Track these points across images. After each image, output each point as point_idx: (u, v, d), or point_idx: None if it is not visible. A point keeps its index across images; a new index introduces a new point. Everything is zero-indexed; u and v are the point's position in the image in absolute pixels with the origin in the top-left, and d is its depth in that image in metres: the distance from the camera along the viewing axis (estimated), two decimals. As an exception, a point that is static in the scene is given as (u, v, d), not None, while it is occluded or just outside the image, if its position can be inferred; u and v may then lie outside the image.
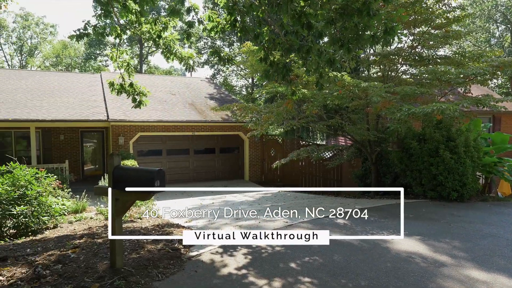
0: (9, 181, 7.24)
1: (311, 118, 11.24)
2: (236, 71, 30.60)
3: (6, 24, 35.15)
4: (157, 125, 13.88)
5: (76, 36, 7.95)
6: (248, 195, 11.57)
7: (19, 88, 15.04)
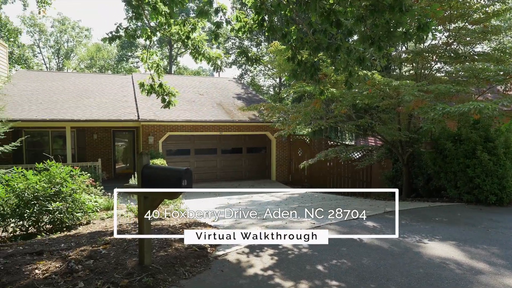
0: (46, 178, 7.57)
1: (340, 118, 11.03)
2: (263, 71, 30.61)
3: (45, 28, 36.95)
4: (186, 125, 14.09)
5: (109, 38, 8.19)
6: (275, 195, 11.52)
7: (56, 89, 15.72)
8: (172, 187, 3.41)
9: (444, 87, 8.16)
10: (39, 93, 14.90)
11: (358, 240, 5.31)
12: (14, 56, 29.95)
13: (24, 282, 3.48)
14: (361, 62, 6.07)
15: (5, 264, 3.99)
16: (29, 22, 36.06)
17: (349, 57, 6.12)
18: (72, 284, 3.42)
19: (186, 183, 3.40)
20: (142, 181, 3.61)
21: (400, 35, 5.57)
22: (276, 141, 15.55)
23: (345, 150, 12.28)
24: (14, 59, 29.94)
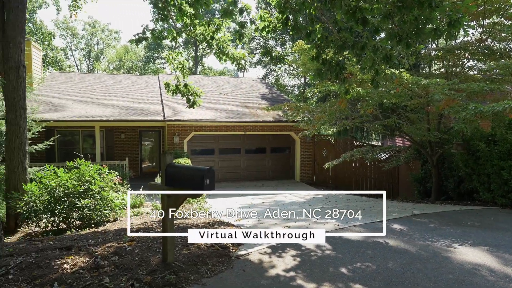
0: (76, 176, 7.84)
1: (366, 118, 10.79)
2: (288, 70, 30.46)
3: (77, 32, 38.37)
4: (210, 124, 14.22)
5: (136, 40, 8.38)
6: (299, 195, 11.42)
7: (86, 90, 16.27)
8: (195, 186, 3.43)
9: (477, 86, 7.81)
10: (70, 93, 15.47)
11: (384, 243, 5.17)
12: (48, 59, 31.27)
13: (53, 276, 3.60)
14: (388, 60, 5.90)
15: (37, 258, 4.15)
16: (62, 26, 37.57)
17: (375, 55, 5.96)
18: (98, 279, 3.51)
19: (208, 182, 3.41)
20: (166, 179, 3.65)
21: (429, 32, 5.37)
22: (300, 141, 15.43)
23: (371, 151, 12.02)
24: (48, 61, 31.26)
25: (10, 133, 8.34)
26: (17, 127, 8.38)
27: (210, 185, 3.43)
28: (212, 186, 3.46)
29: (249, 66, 31.88)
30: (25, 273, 3.70)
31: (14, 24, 8.34)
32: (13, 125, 8.32)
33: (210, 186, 3.44)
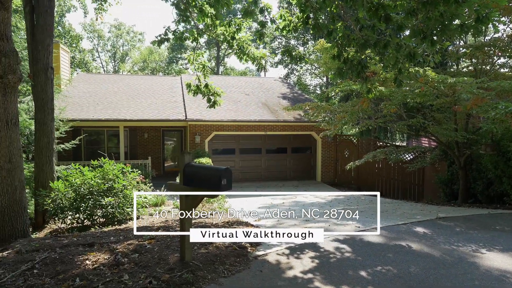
0: (100, 174, 8.05)
1: (389, 118, 10.54)
2: (310, 70, 30.21)
3: (103, 34, 39.48)
4: (231, 124, 14.28)
5: (158, 41, 8.52)
6: (320, 196, 11.28)
7: (111, 90, 16.69)
8: (212, 185, 3.44)
9: (508, 84, 7.47)
10: (96, 94, 15.91)
11: (406, 246, 5.01)
12: (76, 61, 32.32)
13: (75, 272, 3.69)
14: (412, 58, 5.73)
15: (61, 253, 4.27)
16: (89, 29, 38.76)
17: (398, 53, 5.80)
18: (117, 276, 3.57)
19: (225, 182, 3.41)
20: (184, 179, 3.68)
21: (455, 28, 5.17)
22: (321, 141, 15.25)
23: (395, 151, 11.73)
24: (76, 63, 32.31)
25: (39, 132, 8.65)
26: (45, 126, 8.67)
27: (227, 185, 3.42)
28: (229, 186, 3.45)
29: (271, 66, 31.84)
30: (49, 268, 3.81)
31: (43, 28, 8.64)
32: (41, 124, 8.62)
33: (228, 186, 3.43)
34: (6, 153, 5.07)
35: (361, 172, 14.63)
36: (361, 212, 7.91)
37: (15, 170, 5.18)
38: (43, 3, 8.62)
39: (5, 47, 5.01)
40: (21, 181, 5.30)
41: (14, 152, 5.16)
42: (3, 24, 4.99)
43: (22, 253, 4.32)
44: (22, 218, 5.27)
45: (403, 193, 13.27)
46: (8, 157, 5.09)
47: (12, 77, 5.04)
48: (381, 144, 14.78)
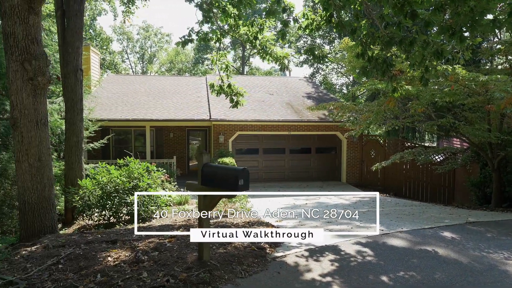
0: (125, 173, 8.25)
1: (417, 118, 10.20)
2: (336, 69, 29.76)
3: (132, 36, 40.60)
4: (255, 124, 14.28)
5: (182, 42, 8.63)
6: (344, 197, 11.08)
7: (139, 91, 17.11)
8: (229, 185, 3.43)
9: (546, 82, 7.04)
10: (124, 95, 16.35)
11: (432, 251, 4.82)
12: (106, 62, 33.41)
13: (97, 268, 3.80)
14: (439, 55, 5.50)
15: (85, 250, 4.41)
16: (119, 31, 39.94)
17: (425, 51, 5.59)
18: (137, 273, 3.64)
19: (242, 183, 3.39)
20: (202, 179, 3.69)
21: (487, 23, 4.92)
22: (347, 142, 14.98)
23: (423, 152, 11.34)
24: (106, 65, 33.39)
25: (68, 132, 8.97)
26: (74, 126, 8.99)
27: (244, 185, 3.40)
28: (246, 187, 3.43)
29: (296, 65, 31.59)
30: (73, 264, 3.94)
31: (73, 31, 8.95)
32: (71, 124, 8.94)
33: (245, 186, 3.42)
34: (36, 152, 5.29)
35: (387, 173, 14.25)
36: (386, 214, 7.70)
37: (44, 168, 5.39)
38: (73, 7, 8.94)
39: (36, 50, 5.22)
40: (49, 179, 5.51)
41: (43, 151, 5.38)
42: (34, 28, 5.20)
43: (49, 248, 4.49)
44: (50, 214, 5.47)
45: (432, 195, 12.82)
46: (38, 156, 5.31)
47: (41, 79, 5.24)
48: (409, 144, 14.33)
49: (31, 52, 5.15)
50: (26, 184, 5.26)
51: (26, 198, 5.28)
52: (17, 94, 5.16)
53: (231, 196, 3.63)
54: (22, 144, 5.22)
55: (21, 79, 5.13)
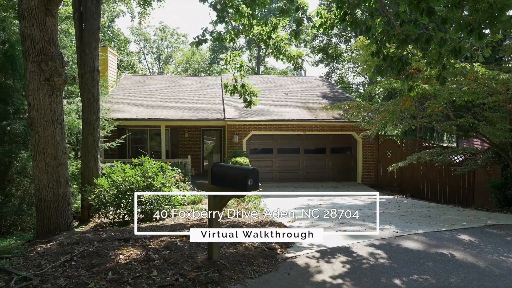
0: (140, 172, 8.35)
1: (435, 117, 9.96)
2: (352, 68, 29.41)
3: (149, 37, 41.15)
4: (269, 124, 14.25)
5: (196, 42, 8.68)
6: (359, 198, 10.93)
7: (154, 91, 17.32)
8: (238, 185, 3.41)
9: None
10: (140, 95, 16.58)
11: (448, 255, 4.68)
12: (124, 63, 33.99)
13: (108, 265, 3.84)
14: (457, 53, 5.34)
15: (98, 247, 4.47)
16: (136, 32, 40.56)
17: (442, 48, 5.44)
18: (147, 272, 3.66)
19: (252, 183, 3.37)
20: (212, 178, 3.69)
21: (507, 19, 4.75)
22: (362, 142, 14.77)
23: (442, 153, 11.06)
24: (124, 65, 33.97)
25: (85, 131, 9.14)
26: (91, 125, 9.15)
27: (253, 185, 3.38)
28: (255, 187, 3.41)
29: (311, 65, 31.37)
30: (86, 261, 4.00)
31: (90, 32, 9.12)
32: (88, 124, 9.10)
33: (254, 186, 3.39)
34: (52, 151, 5.40)
35: (404, 174, 13.98)
36: (401, 216, 7.54)
37: (60, 167, 5.50)
38: (90, 8, 9.10)
39: (52, 51, 5.34)
40: (65, 177, 5.62)
41: (59, 150, 5.49)
42: (50, 30, 5.32)
43: (64, 245, 4.58)
44: (66, 212, 5.59)
45: (450, 197, 12.50)
46: (54, 155, 5.42)
47: (58, 79, 5.35)
48: (427, 145, 14.02)
49: (48, 53, 5.27)
50: (43, 182, 5.38)
51: (42, 196, 5.40)
52: (34, 94, 5.28)
53: (240, 196, 3.61)
54: (39, 143, 5.35)
55: (38, 80, 5.25)
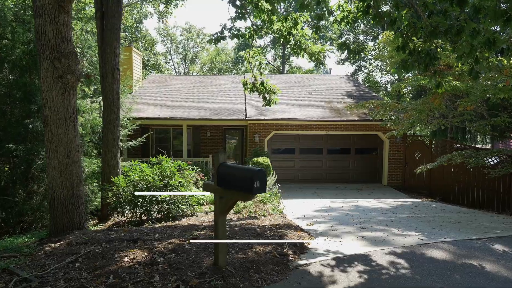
0: (158, 171, 8.29)
1: (467, 117, 9.34)
2: (380, 66, 28.51)
3: (176, 37, 41.66)
4: (291, 123, 13.93)
5: (214, 39, 8.53)
6: (384, 201, 10.44)
7: (178, 90, 17.39)
8: (245, 187, 3.18)
9: None
10: (163, 94, 16.69)
11: (478, 266, 4.25)
12: (150, 63, 34.56)
13: (111, 268, 3.71)
14: (492, 45, 4.87)
15: (104, 248, 4.37)
16: (163, 33, 41.18)
17: (474, 40, 4.98)
18: (149, 277, 3.50)
19: (258, 185, 3.13)
20: (218, 179, 3.47)
21: (550, 6, 4.26)
22: (389, 142, 14.17)
23: (474, 154, 10.36)
24: (150, 66, 34.55)
25: (106, 130, 9.18)
26: (111, 124, 9.18)
27: (260, 187, 3.14)
28: (262, 189, 3.17)
29: (337, 63, 30.68)
30: (90, 262, 3.89)
31: (111, 31, 9.15)
32: (108, 122, 9.14)
33: (261, 189, 3.15)
34: (65, 149, 5.37)
35: (433, 176, 13.27)
36: (428, 221, 7.06)
37: (72, 165, 5.47)
38: (111, 8, 9.13)
39: (65, 49, 5.30)
40: (78, 175, 5.58)
41: (72, 148, 5.46)
42: (64, 27, 5.28)
43: (72, 245, 4.51)
44: (78, 211, 5.55)
45: (484, 202, 11.71)
46: (67, 153, 5.39)
47: (70, 77, 5.32)
48: (458, 146, 13.23)
49: (61, 50, 5.24)
50: (55, 180, 5.36)
51: (55, 194, 5.38)
52: (47, 92, 5.27)
53: (246, 198, 3.37)
54: (52, 141, 5.33)
55: (51, 77, 5.23)
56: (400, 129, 10.16)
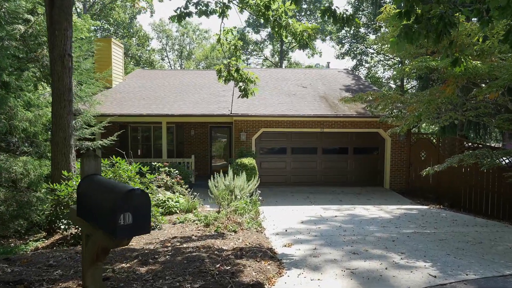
0: (111, 175, 6.88)
1: (484, 109, 7.79)
2: (382, 61, 26.90)
3: (171, 34, 40.19)
4: (282, 120, 12.43)
5: (177, 16, 7.07)
6: (385, 209, 8.94)
7: (162, 86, 15.91)
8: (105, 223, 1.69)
9: None
10: (146, 89, 15.23)
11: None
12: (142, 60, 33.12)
13: None
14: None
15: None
16: (158, 29, 39.74)
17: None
18: None
19: (130, 221, 1.64)
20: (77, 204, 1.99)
21: None
22: (391, 141, 12.62)
23: (489, 155, 8.80)
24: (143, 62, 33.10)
25: (55, 126, 7.75)
26: (61, 120, 7.74)
27: (133, 225, 1.65)
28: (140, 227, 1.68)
29: (337, 58, 29.09)
30: None
31: (60, 9, 7.68)
32: (57, 117, 7.70)
33: (135, 226, 1.66)
34: None
35: (442, 179, 11.69)
36: (440, 241, 5.54)
37: None
38: (60, -18, 7.69)
39: None
40: None
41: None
42: None
43: None
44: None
45: (501, 210, 10.14)
46: None
47: None
48: (470, 144, 11.64)
49: None
50: None
51: None
52: None
53: (109, 244, 1.88)
54: None
55: None
56: (403, 124, 8.61)
